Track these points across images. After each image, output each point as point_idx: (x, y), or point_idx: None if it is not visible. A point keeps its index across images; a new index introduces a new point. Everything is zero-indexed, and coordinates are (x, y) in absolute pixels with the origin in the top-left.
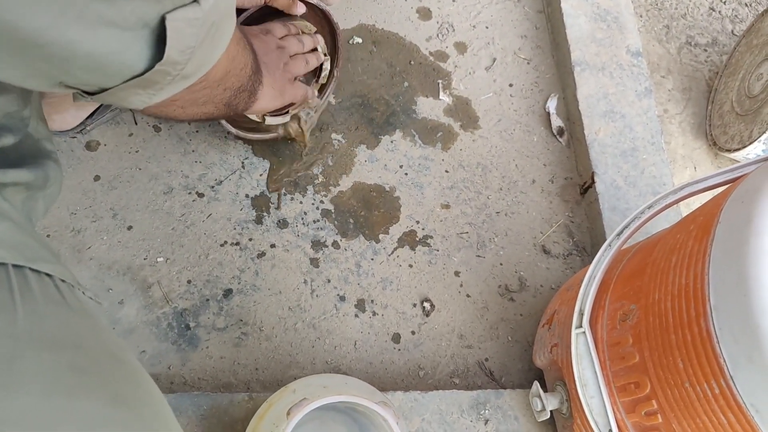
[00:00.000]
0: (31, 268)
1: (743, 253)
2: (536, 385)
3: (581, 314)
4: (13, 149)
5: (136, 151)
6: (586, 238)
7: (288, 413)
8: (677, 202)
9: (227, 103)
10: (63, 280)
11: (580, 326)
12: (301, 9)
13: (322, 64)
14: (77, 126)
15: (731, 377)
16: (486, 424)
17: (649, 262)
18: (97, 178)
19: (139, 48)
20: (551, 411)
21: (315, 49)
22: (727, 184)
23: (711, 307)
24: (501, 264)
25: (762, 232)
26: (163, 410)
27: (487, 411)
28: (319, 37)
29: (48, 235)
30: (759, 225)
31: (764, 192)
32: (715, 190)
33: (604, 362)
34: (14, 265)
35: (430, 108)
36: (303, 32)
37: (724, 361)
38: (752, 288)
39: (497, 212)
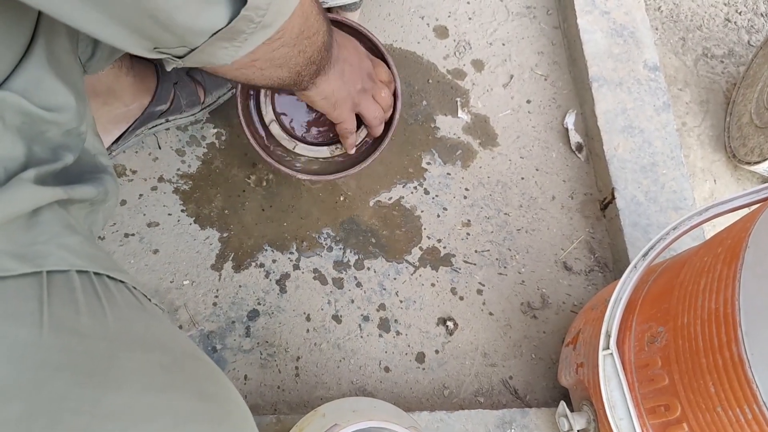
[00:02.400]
0: (109, 276)
1: None
2: (563, 405)
3: (608, 336)
4: (74, 166)
5: (161, 176)
6: (608, 254)
7: None
8: (702, 223)
9: (299, 71)
10: (135, 287)
11: (608, 348)
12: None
13: None
14: None
15: (764, 403)
16: None
17: (676, 284)
18: (123, 202)
19: None
20: (578, 431)
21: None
22: (753, 204)
23: (742, 332)
24: (523, 281)
25: None
26: (242, 405)
27: (513, 430)
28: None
29: None
30: None
31: None
32: (741, 210)
33: (633, 384)
34: (95, 273)
35: (449, 126)
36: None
37: (757, 386)
38: None
39: (518, 229)
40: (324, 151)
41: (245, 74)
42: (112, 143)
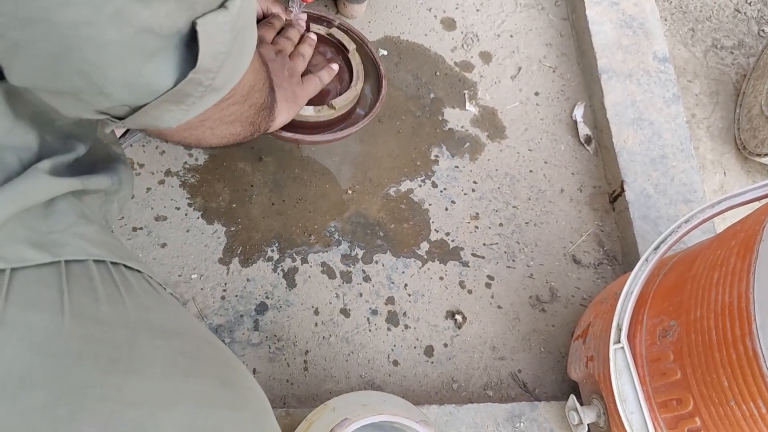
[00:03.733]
0: (125, 265)
1: None
2: (573, 398)
3: (619, 329)
4: (87, 156)
5: (168, 169)
6: (617, 247)
7: None
8: (715, 216)
9: (252, 121)
10: (150, 276)
11: (618, 341)
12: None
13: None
14: None
15: None
16: None
17: (688, 277)
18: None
19: (171, 55)
20: (588, 425)
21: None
22: (766, 197)
23: (757, 326)
24: (531, 275)
25: None
26: (261, 393)
27: (522, 424)
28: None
29: None
30: None
31: None
32: (753, 203)
33: (644, 378)
34: (112, 262)
35: (456, 119)
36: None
37: None
38: None
39: (526, 222)
40: (309, 110)
41: (195, 135)
42: (119, 138)
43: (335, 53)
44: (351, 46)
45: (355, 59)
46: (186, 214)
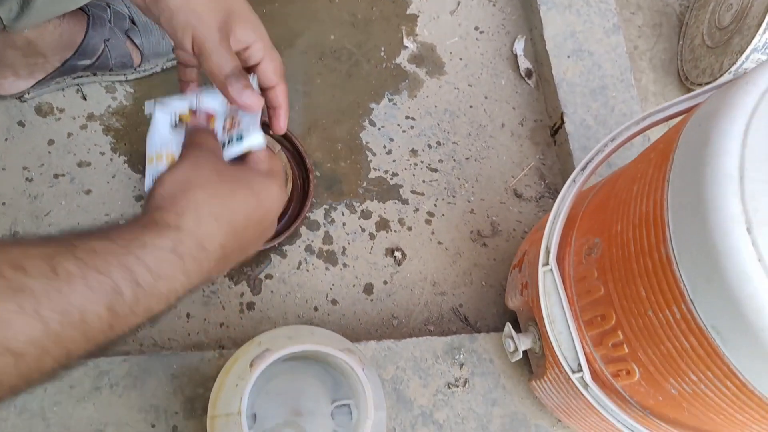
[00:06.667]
0: None
1: (701, 175)
2: (508, 326)
3: (547, 251)
4: None
5: (91, 113)
6: (558, 179)
7: (251, 365)
8: (640, 132)
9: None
10: None
11: (547, 263)
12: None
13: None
14: (15, 93)
15: (691, 301)
16: (461, 368)
17: (612, 194)
18: (51, 142)
19: None
20: (525, 351)
21: None
22: (689, 111)
23: (670, 232)
24: (472, 210)
25: (719, 153)
26: None
27: (461, 355)
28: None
29: (3, 203)
30: (716, 147)
31: (720, 114)
32: (678, 118)
33: (572, 298)
34: None
35: (394, 56)
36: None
37: (684, 285)
38: (709, 210)
39: (467, 158)
40: None
41: None
42: (29, 88)
43: None
44: (276, 148)
45: (282, 160)
46: (111, 160)
